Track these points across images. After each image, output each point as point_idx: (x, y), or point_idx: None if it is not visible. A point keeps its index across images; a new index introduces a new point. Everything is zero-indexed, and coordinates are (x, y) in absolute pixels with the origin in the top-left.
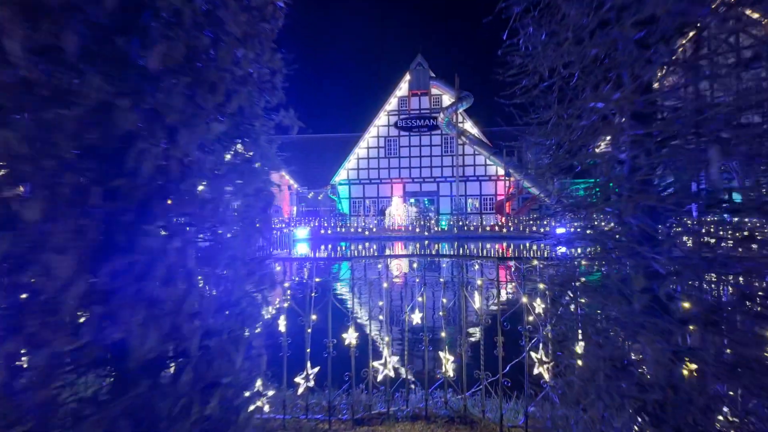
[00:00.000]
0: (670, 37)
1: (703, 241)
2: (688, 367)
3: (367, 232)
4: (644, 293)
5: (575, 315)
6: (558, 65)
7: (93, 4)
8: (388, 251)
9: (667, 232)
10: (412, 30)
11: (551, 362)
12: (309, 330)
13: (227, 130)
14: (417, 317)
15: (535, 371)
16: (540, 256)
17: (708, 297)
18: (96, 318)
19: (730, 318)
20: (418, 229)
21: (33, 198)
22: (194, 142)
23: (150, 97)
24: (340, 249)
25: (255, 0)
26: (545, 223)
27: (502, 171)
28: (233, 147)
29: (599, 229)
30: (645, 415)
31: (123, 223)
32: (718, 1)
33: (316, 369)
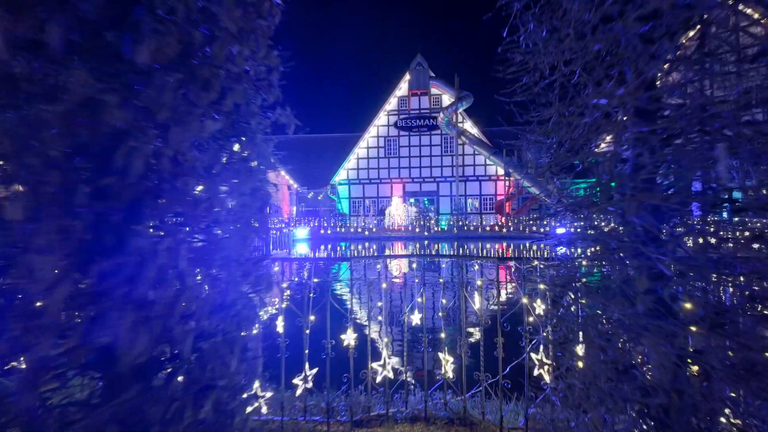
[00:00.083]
0: (675, 32)
1: (708, 242)
2: (693, 371)
3: (367, 232)
4: (648, 295)
5: (576, 317)
6: (559, 62)
7: None
8: (387, 251)
9: (671, 232)
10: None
11: (552, 364)
12: (307, 331)
13: (222, 128)
14: (416, 318)
15: (536, 373)
16: (540, 256)
17: (714, 298)
18: (83, 321)
19: (737, 320)
20: (417, 229)
21: (15, 197)
22: (187, 140)
23: (141, 94)
24: (339, 249)
25: None
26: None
27: (501, 171)
28: (229, 145)
29: (601, 229)
30: (649, 420)
31: (112, 223)
32: None
33: (315, 370)
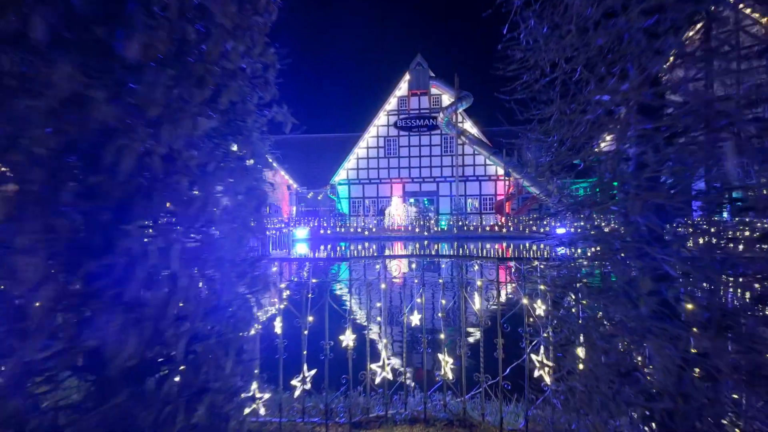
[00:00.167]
0: (681, 27)
1: (714, 241)
2: (698, 374)
3: (367, 232)
4: (651, 296)
5: (578, 318)
6: (560, 59)
7: None
8: (387, 251)
9: (676, 232)
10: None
11: (552, 365)
12: (306, 332)
13: (217, 126)
14: (416, 318)
15: (536, 374)
16: (540, 256)
17: (720, 300)
18: (71, 323)
19: (745, 322)
20: (417, 229)
21: None
22: (180, 138)
23: (132, 91)
24: (339, 249)
25: None
26: (545, 223)
27: (501, 171)
28: (224, 144)
29: (604, 229)
30: (652, 424)
31: (101, 222)
32: None
33: (313, 371)
